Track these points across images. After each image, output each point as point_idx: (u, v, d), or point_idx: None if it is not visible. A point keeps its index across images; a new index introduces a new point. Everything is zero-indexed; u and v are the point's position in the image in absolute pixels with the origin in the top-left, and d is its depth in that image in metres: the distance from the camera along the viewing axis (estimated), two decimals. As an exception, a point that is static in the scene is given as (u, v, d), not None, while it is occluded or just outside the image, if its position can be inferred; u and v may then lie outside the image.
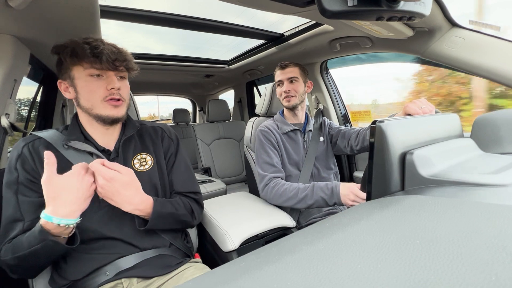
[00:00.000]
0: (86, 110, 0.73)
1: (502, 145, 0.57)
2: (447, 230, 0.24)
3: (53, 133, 0.75)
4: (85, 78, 0.71)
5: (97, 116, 0.73)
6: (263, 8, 1.02)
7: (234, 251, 0.91)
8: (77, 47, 0.68)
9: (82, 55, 0.68)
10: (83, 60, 0.69)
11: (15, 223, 0.65)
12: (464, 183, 0.37)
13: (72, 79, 0.71)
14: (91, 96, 0.71)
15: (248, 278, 0.21)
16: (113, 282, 0.70)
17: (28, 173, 0.68)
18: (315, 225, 0.31)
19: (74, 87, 0.72)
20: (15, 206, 0.66)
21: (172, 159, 0.89)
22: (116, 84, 0.73)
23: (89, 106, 0.72)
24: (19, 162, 0.68)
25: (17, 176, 0.67)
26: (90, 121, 0.76)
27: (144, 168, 0.81)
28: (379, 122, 0.41)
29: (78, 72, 0.71)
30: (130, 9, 1.34)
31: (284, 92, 1.25)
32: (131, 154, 0.81)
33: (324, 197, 1.00)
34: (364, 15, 0.48)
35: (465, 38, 1.04)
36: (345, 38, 1.42)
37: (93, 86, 0.71)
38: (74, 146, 0.72)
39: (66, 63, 0.71)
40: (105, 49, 0.69)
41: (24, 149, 0.70)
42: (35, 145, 0.71)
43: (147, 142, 0.86)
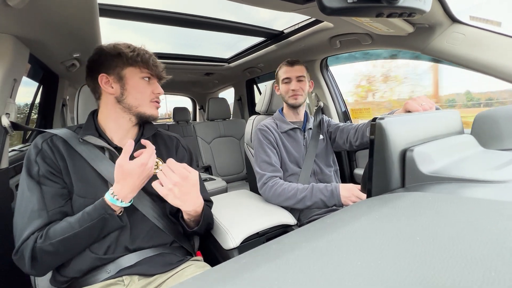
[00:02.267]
0: (129, 107, 0.79)
1: (502, 142, 0.57)
2: (447, 227, 0.24)
3: (66, 131, 0.78)
4: (138, 80, 0.79)
5: (140, 113, 0.81)
6: (263, 5, 1.01)
7: (235, 249, 0.92)
8: (142, 54, 0.78)
9: (145, 61, 0.79)
10: (143, 65, 0.79)
11: (39, 212, 0.67)
12: (465, 180, 0.37)
13: (121, 77, 0.78)
14: (140, 96, 0.80)
15: (249, 276, 0.22)
16: (114, 279, 0.71)
17: (49, 165, 0.71)
18: (316, 223, 0.31)
19: (123, 85, 0.78)
20: (39, 196, 0.68)
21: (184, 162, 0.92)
22: (162, 90, 0.85)
23: (136, 104, 0.79)
24: (39, 156, 0.71)
25: (38, 169, 0.70)
26: (117, 118, 0.80)
27: (155, 172, 0.83)
28: (379, 119, 0.41)
29: (132, 73, 0.78)
30: (127, 7, 1.34)
31: (293, 90, 1.23)
32: None
33: (323, 199, 1.01)
34: (364, 11, 0.48)
35: (465, 34, 1.03)
36: (345, 35, 1.41)
37: (144, 87, 0.80)
38: (88, 140, 0.75)
39: (122, 62, 0.77)
40: (157, 61, 0.82)
41: (43, 144, 0.73)
42: (54, 141, 0.75)
43: (161, 148, 0.90)
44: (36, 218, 0.66)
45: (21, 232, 0.65)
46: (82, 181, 0.73)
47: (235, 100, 3.13)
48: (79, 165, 0.74)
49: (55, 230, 0.65)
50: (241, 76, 2.73)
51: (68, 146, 0.74)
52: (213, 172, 2.30)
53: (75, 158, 0.74)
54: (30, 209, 0.67)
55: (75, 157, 0.74)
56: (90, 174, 0.74)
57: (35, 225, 0.65)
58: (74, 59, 1.52)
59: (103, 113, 0.82)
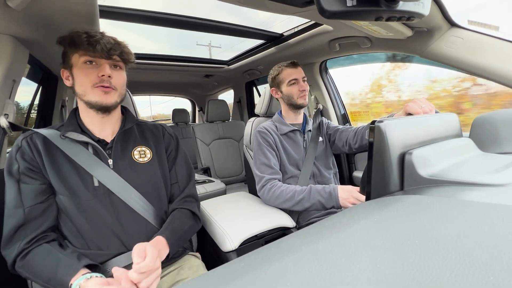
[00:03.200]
0: (80, 97, 0.77)
1: (500, 145, 0.57)
2: (445, 230, 0.24)
3: (50, 130, 0.78)
4: (80, 65, 0.74)
5: (88, 102, 0.76)
6: (262, 8, 1.02)
7: (233, 251, 0.91)
8: (75, 36, 0.73)
9: (79, 43, 0.72)
10: (79, 48, 0.73)
11: (16, 209, 0.68)
12: (463, 183, 0.37)
13: (70, 67, 0.76)
14: (83, 81, 0.74)
15: (247, 279, 0.21)
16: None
17: (28, 162, 0.71)
18: (314, 225, 0.31)
19: (72, 74, 0.76)
20: (16, 193, 0.69)
21: (173, 153, 0.93)
22: (107, 71, 0.74)
23: (82, 92, 0.75)
24: (18, 153, 0.72)
25: (18, 166, 0.71)
26: (86, 110, 0.79)
27: (143, 160, 0.84)
28: (378, 122, 0.41)
29: (75, 59, 0.75)
30: (127, 9, 1.34)
31: (302, 90, 1.24)
32: (131, 145, 0.84)
33: (321, 200, 1.00)
34: (363, 15, 0.48)
35: (464, 38, 1.04)
36: (344, 38, 1.42)
37: (86, 72, 0.74)
38: (70, 136, 0.75)
39: (66, 52, 0.76)
40: (101, 39, 0.73)
41: (23, 142, 0.74)
42: (33, 138, 0.75)
43: (148, 136, 0.89)
44: (11, 216, 0.68)
45: (4, 231, 0.68)
46: (60, 178, 0.73)
47: (235, 102, 3.13)
48: (59, 162, 0.73)
49: (34, 259, 0.66)
50: (240, 78, 2.74)
51: (48, 143, 0.74)
52: (212, 173, 2.30)
53: (56, 155, 0.74)
54: (8, 207, 0.69)
55: (55, 154, 0.74)
56: (70, 171, 0.74)
57: (10, 224, 0.67)
58: (74, 60, 1.52)
59: (79, 108, 0.81)
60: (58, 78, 1.80)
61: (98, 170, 0.75)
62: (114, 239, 0.74)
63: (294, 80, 1.25)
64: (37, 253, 0.66)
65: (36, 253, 0.66)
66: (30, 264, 0.65)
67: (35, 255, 0.66)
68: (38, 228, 0.69)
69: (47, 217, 0.71)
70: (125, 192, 0.76)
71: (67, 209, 0.72)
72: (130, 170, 0.80)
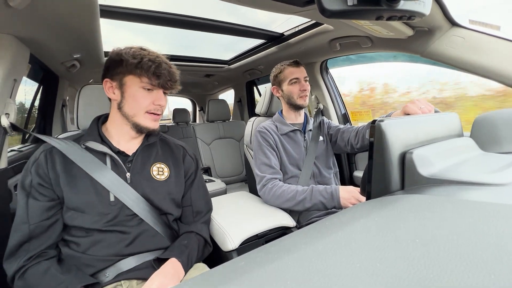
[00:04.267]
0: (126, 116, 0.77)
1: (501, 145, 0.57)
2: (446, 229, 0.24)
3: (67, 142, 0.76)
4: (137, 89, 0.75)
5: (135, 124, 0.78)
6: (263, 7, 1.02)
7: (234, 251, 0.92)
8: (143, 62, 0.72)
9: (146, 71, 0.73)
10: (143, 75, 0.74)
11: (22, 224, 0.69)
12: (464, 182, 0.37)
13: (122, 84, 0.75)
14: (136, 105, 0.75)
15: (247, 277, 0.22)
16: (112, 284, 0.70)
17: (41, 177, 0.71)
18: (315, 225, 0.31)
19: (122, 92, 0.76)
20: (24, 208, 0.70)
21: (192, 177, 0.93)
22: (163, 102, 0.79)
23: (131, 114, 0.77)
24: (34, 166, 0.72)
25: (30, 180, 0.71)
26: (121, 125, 0.79)
27: (160, 178, 0.84)
28: (378, 122, 0.41)
29: (132, 81, 0.75)
30: (127, 8, 1.34)
31: (303, 90, 1.23)
32: (151, 161, 0.84)
33: (323, 201, 1.00)
34: (364, 14, 0.48)
35: (465, 38, 1.04)
36: (345, 37, 1.42)
37: (142, 97, 0.75)
38: (90, 146, 0.75)
39: (124, 69, 0.74)
40: (164, 69, 0.75)
41: (41, 155, 0.73)
42: (52, 152, 0.74)
43: (167, 155, 0.89)
44: (17, 231, 0.68)
45: (9, 244, 0.68)
46: (76, 193, 0.72)
47: (235, 101, 3.13)
48: (77, 177, 0.73)
49: (32, 279, 0.65)
50: (241, 78, 2.74)
51: (67, 159, 0.73)
52: (213, 173, 2.30)
53: (73, 169, 0.73)
54: (16, 221, 0.69)
55: (73, 168, 0.73)
56: (87, 187, 0.73)
57: (15, 238, 0.68)
58: (75, 60, 1.52)
59: (110, 118, 0.82)
60: (58, 77, 1.80)
61: (115, 186, 0.74)
62: (122, 248, 0.74)
63: (295, 79, 1.24)
64: (35, 272, 0.66)
65: (34, 273, 0.66)
66: (28, 284, 0.65)
67: (33, 275, 0.65)
68: (41, 245, 0.69)
69: (51, 234, 0.71)
70: (139, 206, 0.76)
71: (80, 224, 0.72)
72: (146, 186, 0.80)
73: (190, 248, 0.79)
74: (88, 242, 0.72)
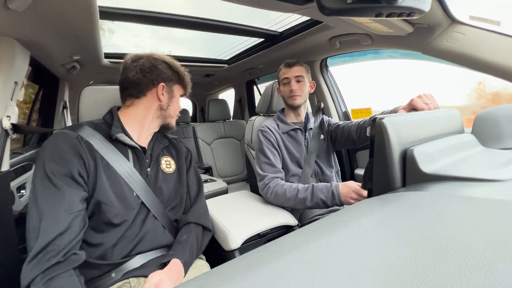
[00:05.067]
0: (166, 116, 0.88)
1: (503, 141, 0.57)
2: (447, 226, 0.24)
3: (92, 126, 0.77)
4: (178, 97, 0.91)
5: (168, 124, 0.90)
6: (262, 6, 1.02)
7: (236, 250, 0.92)
8: (187, 76, 0.91)
9: (186, 85, 0.92)
10: (185, 86, 0.92)
11: (68, 215, 0.63)
12: (465, 179, 0.37)
13: (172, 90, 0.88)
14: (176, 111, 0.91)
15: (250, 276, 0.22)
16: (121, 282, 0.71)
17: (81, 162, 0.68)
18: (316, 223, 0.31)
19: (171, 97, 0.88)
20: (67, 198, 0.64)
21: (187, 164, 0.97)
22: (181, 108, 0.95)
23: (171, 115, 0.89)
24: (70, 151, 0.67)
25: (69, 167, 0.66)
26: (151, 123, 0.85)
27: (169, 171, 0.88)
28: (379, 119, 0.41)
29: (178, 91, 0.90)
30: (127, 9, 1.34)
31: (291, 90, 1.23)
32: (160, 155, 0.88)
33: (323, 199, 1.00)
34: (363, 11, 0.48)
35: (465, 34, 1.03)
36: (344, 35, 1.42)
37: (179, 103, 0.92)
38: (120, 138, 0.76)
39: (177, 79, 0.88)
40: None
41: (74, 140, 0.69)
42: (83, 139, 0.71)
43: (171, 148, 0.94)
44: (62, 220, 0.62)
45: (39, 241, 0.59)
46: (111, 184, 0.72)
47: (235, 101, 3.13)
48: (110, 166, 0.73)
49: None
50: (241, 77, 2.74)
51: (95, 146, 0.72)
52: (214, 173, 2.30)
53: (104, 159, 0.73)
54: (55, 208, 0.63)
55: (103, 158, 0.73)
56: (118, 178, 0.74)
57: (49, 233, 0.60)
58: (75, 62, 1.53)
59: (138, 113, 0.82)
60: (59, 80, 1.80)
61: (135, 182, 0.76)
62: (132, 248, 0.74)
63: (286, 79, 1.26)
64: (64, 276, 0.59)
65: (63, 277, 0.59)
66: None
67: (63, 279, 0.59)
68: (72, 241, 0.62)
69: (81, 229, 0.65)
70: (152, 202, 0.78)
71: (109, 219, 0.69)
72: (160, 179, 0.83)
73: (190, 243, 0.80)
74: (102, 242, 0.70)
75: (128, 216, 0.73)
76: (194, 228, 0.85)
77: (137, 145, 0.79)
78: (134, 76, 0.81)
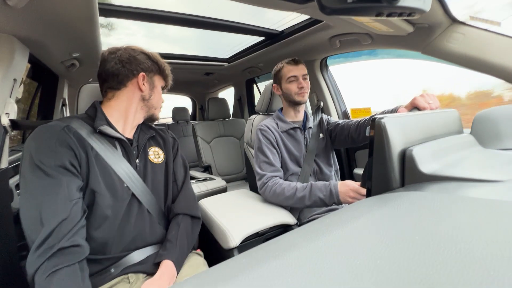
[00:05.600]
0: (149, 107, 0.88)
1: (502, 141, 0.57)
2: (446, 226, 0.25)
3: (78, 121, 0.75)
4: (159, 87, 0.91)
5: (152, 115, 0.90)
6: (262, 5, 1.02)
7: (235, 249, 0.92)
8: (167, 68, 0.92)
9: (167, 75, 0.93)
10: (165, 78, 0.93)
11: (68, 202, 0.63)
12: (464, 179, 0.37)
13: (153, 81, 0.88)
14: (159, 100, 0.92)
15: (249, 275, 0.22)
16: (119, 277, 0.71)
17: (72, 151, 0.68)
18: (315, 222, 0.31)
19: (152, 87, 0.88)
20: (64, 186, 0.64)
21: (174, 152, 0.97)
22: None
23: (155, 105, 0.90)
24: (58, 142, 0.66)
25: (60, 158, 0.65)
26: (135, 114, 0.85)
27: (158, 161, 0.88)
28: (379, 118, 0.41)
29: (159, 82, 0.91)
30: (126, 7, 1.34)
31: (301, 88, 1.23)
32: (147, 145, 0.89)
33: (322, 197, 1.00)
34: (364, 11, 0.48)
35: (465, 34, 1.03)
36: (344, 34, 1.41)
37: (160, 95, 0.92)
38: (105, 130, 0.75)
39: (157, 69, 0.88)
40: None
41: (61, 131, 0.68)
42: (71, 130, 0.71)
43: (158, 137, 0.94)
44: (65, 209, 0.62)
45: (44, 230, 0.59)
46: (101, 173, 0.72)
47: (235, 99, 3.13)
48: (98, 156, 0.73)
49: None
50: (241, 76, 2.73)
51: (82, 138, 0.72)
52: (213, 171, 2.30)
53: (86, 148, 0.72)
54: (59, 199, 0.62)
55: (86, 146, 0.72)
56: (107, 167, 0.74)
57: (54, 220, 0.60)
58: (74, 59, 1.52)
59: (121, 105, 0.82)
60: (58, 77, 1.80)
61: (126, 174, 0.76)
62: (129, 240, 0.74)
63: (293, 77, 1.24)
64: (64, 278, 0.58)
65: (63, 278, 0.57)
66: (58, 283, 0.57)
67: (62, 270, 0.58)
68: (74, 228, 0.62)
69: (82, 218, 0.65)
70: (143, 193, 0.79)
71: (98, 210, 0.69)
72: (148, 171, 0.83)
73: (179, 239, 0.80)
74: (99, 237, 0.70)
75: (120, 208, 0.73)
76: (182, 220, 0.85)
77: (123, 137, 0.78)
78: (113, 67, 0.80)
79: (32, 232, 0.60)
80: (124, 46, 0.85)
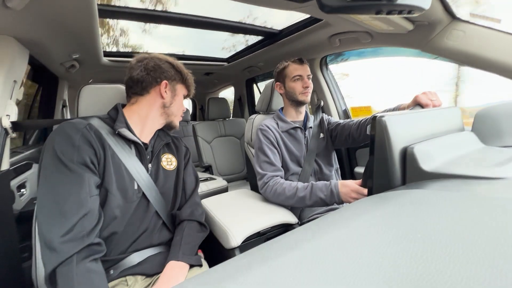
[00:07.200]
0: (169, 114, 0.89)
1: (503, 138, 0.57)
2: (448, 224, 0.24)
3: (97, 119, 0.79)
4: (181, 96, 0.93)
5: (171, 122, 0.91)
6: (262, 4, 1.01)
7: (236, 248, 0.92)
8: (189, 77, 0.93)
9: (190, 84, 0.94)
10: (188, 87, 0.94)
11: (89, 198, 0.65)
12: (465, 177, 0.37)
13: (175, 89, 0.89)
14: (179, 109, 0.93)
15: (250, 274, 0.22)
16: (117, 280, 0.71)
17: (92, 149, 0.70)
18: (317, 221, 0.31)
19: (174, 95, 0.89)
20: (85, 181, 0.66)
21: (185, 161, 0.99)
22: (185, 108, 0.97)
23: (174, 113, 0.90)
24: (81, 139, 0.69)
25: (82, 154, 0.67)
26: (154, 120, 0.86)
27: (170, 168, 0.89)
28: (379, 117, 0.41)
29: (181, 90, 0.92)
30: (126, 8, 1.34)
31: (306, 87, 1.23)
32: (161, 151, 0.90)
33: (323, 197, 1.00)
34: (364, 9, 0.48)
35: (465, 31, 1.03)
36: (344, 33, 1.41)
37: (182, 103, 0.94)
38: (123, 133, 0.77)
39: (180, 78, 0.90)
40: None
41: (84, 129, 0.71)
42: (92, 129, 0.73)
43: (171, 145, 0.96)
44: (85, 204, 0.63)
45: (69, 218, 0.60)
46: (115, 173, 0.73)
47: (235, 99, 3.13)
48: (114, 157, 0.75)
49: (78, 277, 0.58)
50: (240, 76, 2.73)
51: (102, 138, 0.74)
52: (214, 171, 2.30)
53: (106, 148, 0.74)
54: (77, 195, 0.64)
55: (105, 147, 0.74)
56: (122, 168, 0.75)
57: (83, 211, 0.62)
58: (74, 60, 1.52)
59: (142, 110, 0.84)
60: (58, 78, 1.80)
61: (139, 175, 0.77)
62: (131, 242, 0.75)
63: (298, 76, 1.24)
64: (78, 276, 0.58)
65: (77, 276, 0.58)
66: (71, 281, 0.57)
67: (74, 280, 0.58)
68: (96, 227, 0.64)
69: (101, 213, 0.67)
70: (153, 194, 0.80)
71: (112, 210, 0.70)
72: (160, 176, 0.84)
73: (184, 241, 0.80)
74: (105, 236, 0.70)
75: (128, 209, 0.74)
76: (187, 225, 0.86)
77: (139, 140, 0.80)
78: (138, 75, 0.83)
79: (51, 223, 0.61)
80: (152, 55, 0.88)
